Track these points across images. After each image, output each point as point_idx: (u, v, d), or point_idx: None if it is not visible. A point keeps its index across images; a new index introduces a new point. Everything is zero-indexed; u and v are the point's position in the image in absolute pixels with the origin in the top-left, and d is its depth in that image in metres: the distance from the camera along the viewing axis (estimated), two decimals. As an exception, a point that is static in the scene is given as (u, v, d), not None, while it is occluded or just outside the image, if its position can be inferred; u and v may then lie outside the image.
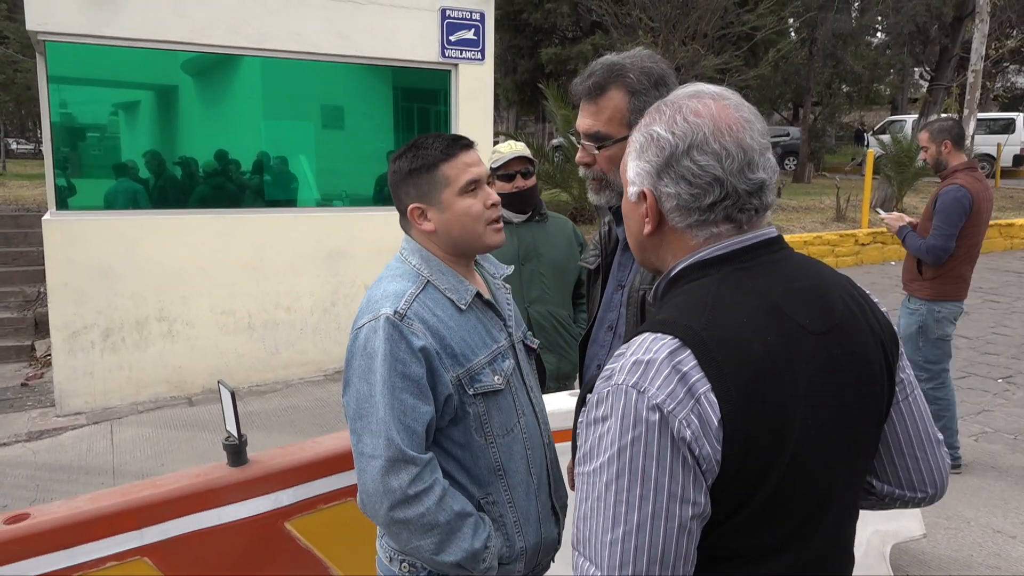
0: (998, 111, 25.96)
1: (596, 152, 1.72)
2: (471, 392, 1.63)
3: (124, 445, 5.17)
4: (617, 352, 1.11)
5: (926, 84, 25.51)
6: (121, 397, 5.96)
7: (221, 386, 2.30)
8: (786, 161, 24.92)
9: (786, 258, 1.20)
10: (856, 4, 25.47)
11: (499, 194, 2.06)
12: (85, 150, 6.07)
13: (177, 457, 4.94)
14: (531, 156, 3.21)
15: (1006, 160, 23.00)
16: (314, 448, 2.47)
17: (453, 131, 7.10)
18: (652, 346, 1.06)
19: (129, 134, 6.32)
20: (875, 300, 1.28)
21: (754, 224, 1.18)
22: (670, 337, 1.06)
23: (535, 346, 1.95)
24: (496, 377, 1.67)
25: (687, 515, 1.02)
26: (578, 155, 1.77)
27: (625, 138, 1.65)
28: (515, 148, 3.18)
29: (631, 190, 1.24)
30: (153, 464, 4.83)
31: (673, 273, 1.20)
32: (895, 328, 1.28)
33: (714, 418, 1.02)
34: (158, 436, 5.34)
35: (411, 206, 1.70)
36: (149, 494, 2.19)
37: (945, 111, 21.24)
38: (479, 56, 6.99)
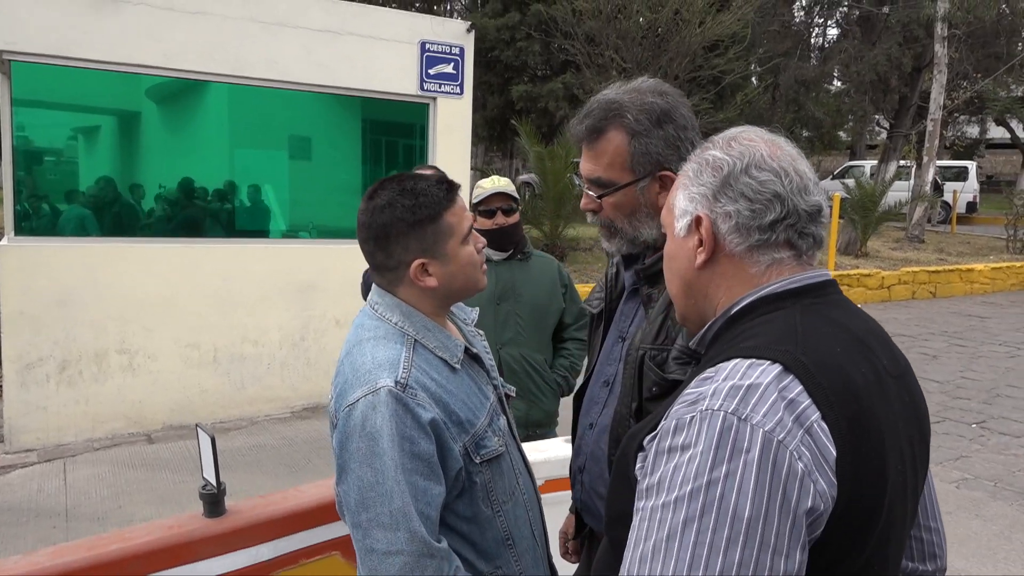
0: (950, 159, 26.76)
1: (598, 200, 1.59)
2: (477, 460, 1.47)
3: (78, 485, 4.88)
4: (701, 376, 0.98)
5: (884, 131, 26.26)
6: (76, 433, 5.66)
7: (200, 430, 2.13)
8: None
9: (848, 303, 1.13)
10: (817, 52, 26.19)
11: (479, 231, 1.93)
12: (42, 174, 5.84)
13: (136, 499, 4.68)
14: (514, 194, 3.11)
15: (961, 207, 23.66)
16: (297, 497, 2.30)
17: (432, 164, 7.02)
18: (751, 371, 0.93)
19: (89, 159, 6.11)
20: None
21: (812, 258, 1.13)
22: (769, 362, 0.94)
23: (512, 395, 1.80)
24: (496, 439, 1.53)
25: (779, 571, 0.86)
26: (583, 201, 1.64)
27: (629, 184, 1.54)
28: (497, 184, 3.09)
29: (680, 223, 1.14)
30: (109, 506, 4.56)
31: (735, 310, 1.09)
32: None
33: (831, 447, 0.90)
34: (115, 475, 5.06)
35: (416, 262, 1.48)
36: (118, 548, 2.00)
37: (903, 158, 21.84)
38: (458, 90, 6.93)
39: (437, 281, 1.50)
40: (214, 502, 2.14)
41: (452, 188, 1.52)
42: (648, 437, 1.00)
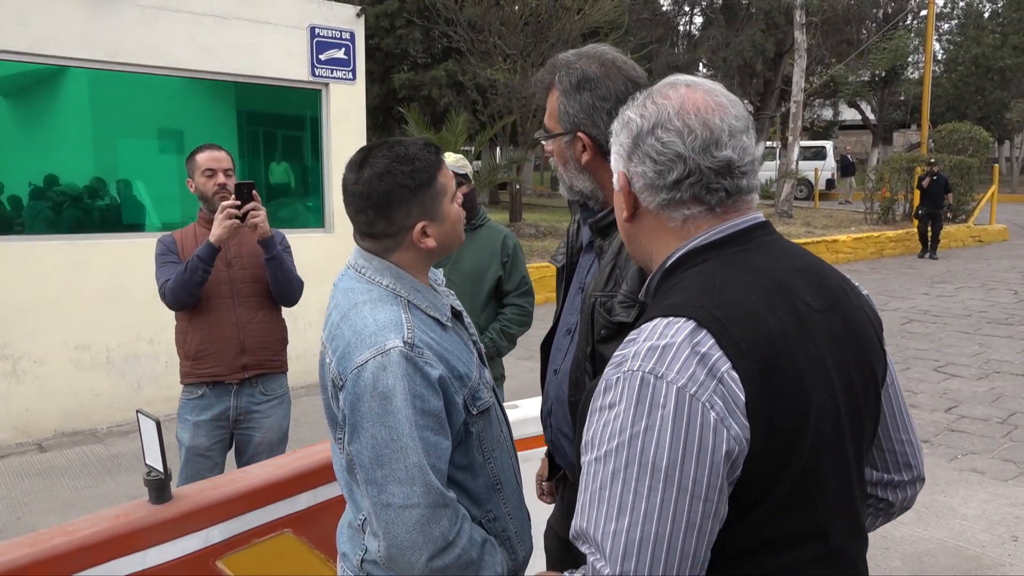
0: (809, 140, 28.57)
1: (551, 147, 1.74)
2: (474, 412, 1.54)
3: (-33, 500, 4.56)
4: (627, 339, 1.08)
5: (750, 114, 27.62)
6: (-44, 448, 5.28)
7: (141, 415, 2.08)
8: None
9: (778, 240, 1.20)
10: (685, 40, 27.28)
11: None
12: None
13: (35, 508, 4.42)
14: (461, 170, 3.19)
15: (821, 184, 25.33)
16: (245, 478, 2.29)
17: (325, 154, 6.92)
18: (667, 331, 1.03)
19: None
20: (859, 286, 1.29)
21: (732, 208, 1.16)
22: (684, 319, 1.03)
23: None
24: (486, 391, 1.60)
25: (697, 512, 0.97)
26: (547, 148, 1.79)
27: (558, 135, 1.69)
28: (449, 160, 3.15)
29: (614, 177, 1.24)
30: (8, 518, 4.30)
31: (668, 263, 1.18)
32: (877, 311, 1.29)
33: (740, 395, 0.99)
34: (8, 487, 4.76)
35: (419, 225, 1.52)
36: (62, 542, 1.94)
37: (769, 139, 23.13)
38: (350, 76, 6.85)
39: (435, 242, 1.54)
40: (160, 488, 2.10)
41: (438, 149, 1.57)
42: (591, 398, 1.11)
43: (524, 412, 2.90)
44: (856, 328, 1.18)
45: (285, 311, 3.36)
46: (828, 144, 28.94)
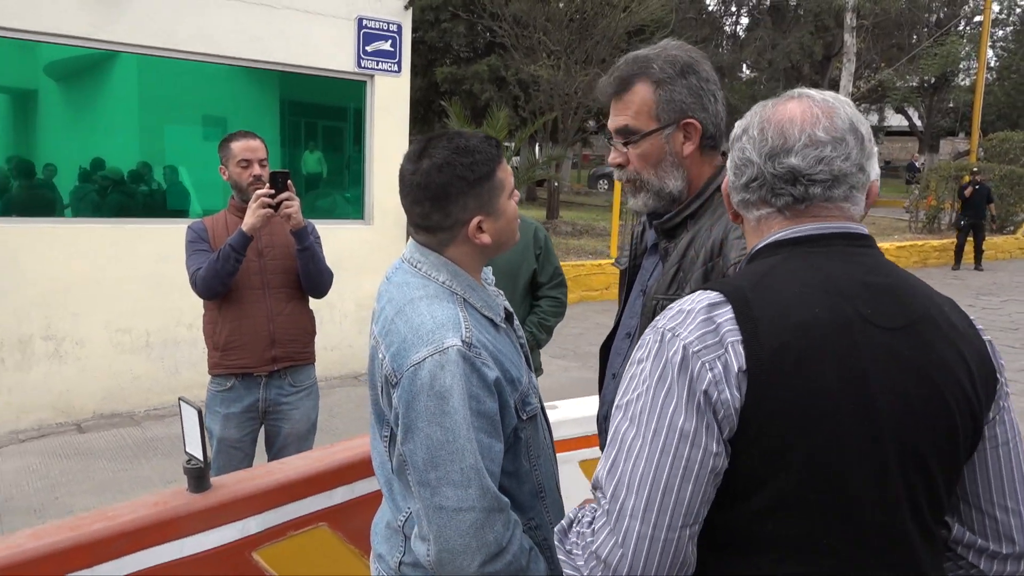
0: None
1: (626, 150, 1.65)
2: (524, 417, 1.50)
3: (7, 478, 4.64)
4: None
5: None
6: (-2, 424, 5.37)
7: (183, 403, 2.08)
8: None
9: (868, 255, 1.16)
10: (730, 41, 26.95)
11: None
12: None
13: (72, 489, 4.48)
14: None
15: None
16: (283, 470, 2.27)
17: (367, 146, 6.92)
18: (697, 298, 1.11)
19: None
20: (981, 330, 1.20)
21: (806, 214, 1.17)
22: (715, 293, 1.11)
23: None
24: (535, 396, 1.56)
25: (695, 457, 1.03)
26: (610, 156, 1.69)
27: (655, 131, 1.60)
28: None
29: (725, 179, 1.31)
30: (46, 498, 4.36)
31: (751, 254, 1.23)
32: (998, 366, 1.18)
33: (736, 366, 1.04)
34: (47, 467, 4.83)
35: (475, 220, 1.47)
36: (102, 527, 1.94)
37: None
38: (396, 68, 6.85)
39: (490, 238, 1.50)
40: (199, 476, 2.09)
41: (499, 144, 1.53)
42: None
43: (562, 414, 2.86)
44: (934, 358, 1.10)
45: (323, 301, 3.35)
46: (874, 149, 28.32)
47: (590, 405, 2.68)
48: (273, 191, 2.99)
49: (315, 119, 7.34)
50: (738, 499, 1.07)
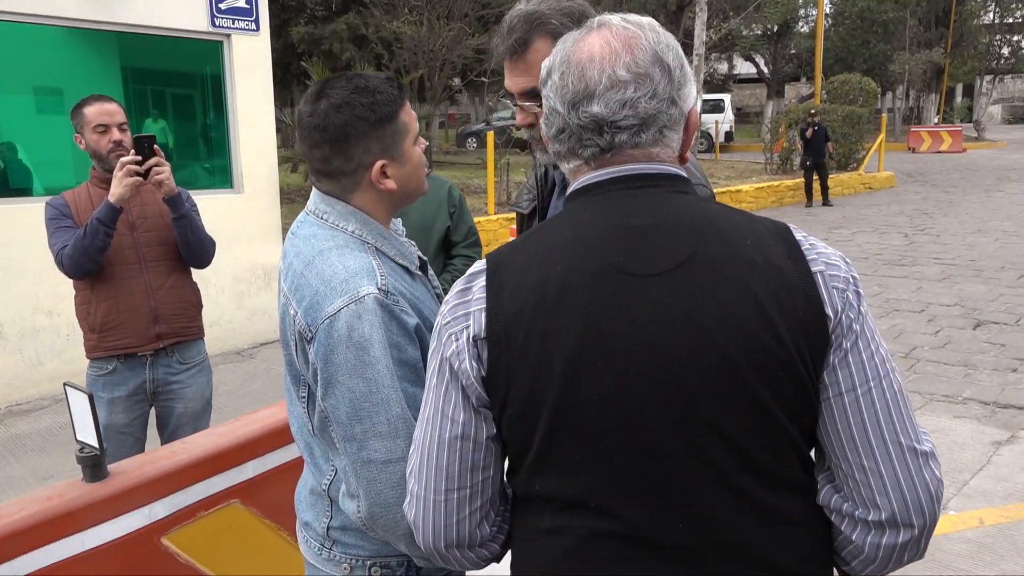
0: (706, 93, 29.25)
1: (537, 109, 1.57)
2: None
3: None
4: None
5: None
6: None
7: (69, 388, 1.93)
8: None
9: (646, 195, 1.07)
10: (587, -7, 27.17)
11: None
12: None
13: (-68, 498, 4.09)
14: None
15: (720, 137, 26.01)
16: (188, 449, 2.15)
17: (231, 111, 6.56)
18: (472, 270, 1.14)
19: None
20: (813, 260, 1.04)
21: (607, 162, 1.09)
22: (482, 261, 1.14)
23: None
24: None
25: (447, 431, 1.08)
26: (519, 118, 1.64)
27: None
28: None
29: None
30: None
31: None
32: (832, 302, 1.02)
33: (474, 334, 1.06)
34: (-103, 478, 4.38)
35: (378, 163, 1.40)
36: (-10, 528, 1.77)
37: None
38: (253, 26, 6.49)
39: (395, 184, 1.43)
40: (96, 464, 1.95)
41: (401, 86, 1.45)
42: None
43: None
44: (701, 304, 1.00)
45: (197, 276, 3.16)
46: (726, 97, 29.69)
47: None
48: (140, 157, 2.78)
49: (163, 86, 6.85)
50: (515, 464, 1.11)
